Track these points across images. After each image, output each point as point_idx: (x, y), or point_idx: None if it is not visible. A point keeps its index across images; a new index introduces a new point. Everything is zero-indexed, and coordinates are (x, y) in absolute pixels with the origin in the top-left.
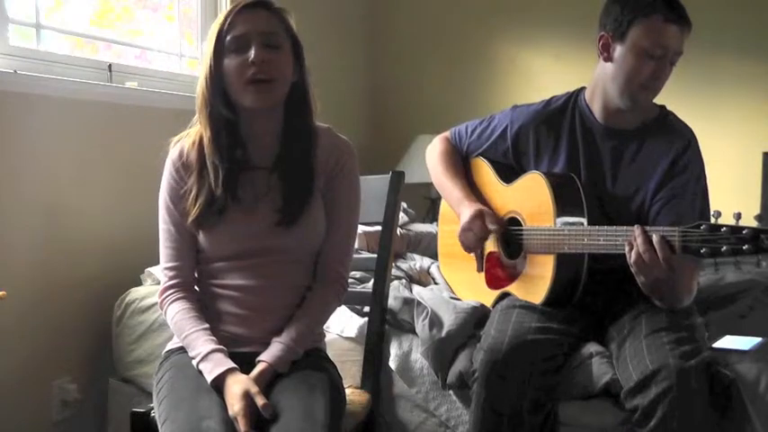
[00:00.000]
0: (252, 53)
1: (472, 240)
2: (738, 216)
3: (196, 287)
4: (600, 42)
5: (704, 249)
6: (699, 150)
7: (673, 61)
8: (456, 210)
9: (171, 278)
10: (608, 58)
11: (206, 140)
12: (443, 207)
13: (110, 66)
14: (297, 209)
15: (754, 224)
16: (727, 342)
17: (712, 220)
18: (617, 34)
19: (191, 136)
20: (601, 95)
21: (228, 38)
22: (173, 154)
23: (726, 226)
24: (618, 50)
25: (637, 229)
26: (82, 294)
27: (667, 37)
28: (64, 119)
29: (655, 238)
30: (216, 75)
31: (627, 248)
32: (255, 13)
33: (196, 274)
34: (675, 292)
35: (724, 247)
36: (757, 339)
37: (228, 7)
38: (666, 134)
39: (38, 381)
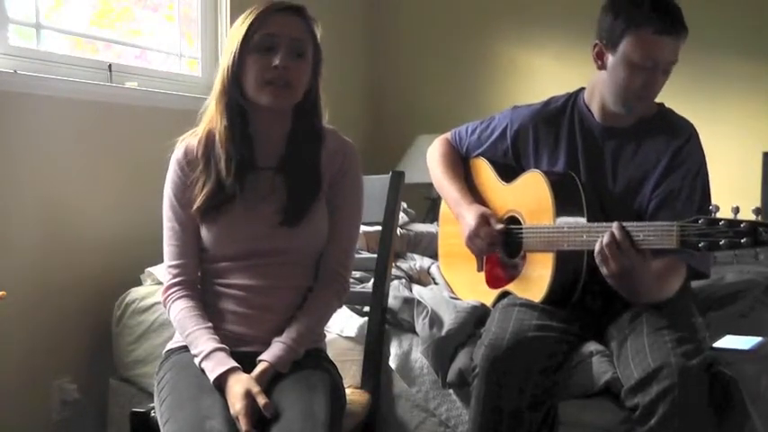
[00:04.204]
0: (278, 58)
1: (481, 246)
2: (737, 210)
3: (199, 286)
4: (594, 50)
5: (702, 243)
6: (699, 145)
7: (666, 70)
8: (454, 210)
9: (174, 276)
10: (602, 67)
11: (221, 129)
12: (444, 207)
13: (110, 66)
14: (300, 210)
15: (753, 218)
16: (728, 342)
17: (711, 215)
18: (609, 44)
19: (197, 134)
20: (599, 98)
21: (257, 35)
22: (178, 152)
23: (724, 219)
24: (610, 60)
25: (614, 224)
26: (82, 294)
27: (658, 49)
28: (64, 119)
29: (614, 226)
30: (237, 68)
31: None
32: (289, 17)
33: (199, 273)
34: (640, 285)
35: (722, 241)
36: (757, 339)
37: (260, 5)
38: (666, 131)
39: (38, 381)
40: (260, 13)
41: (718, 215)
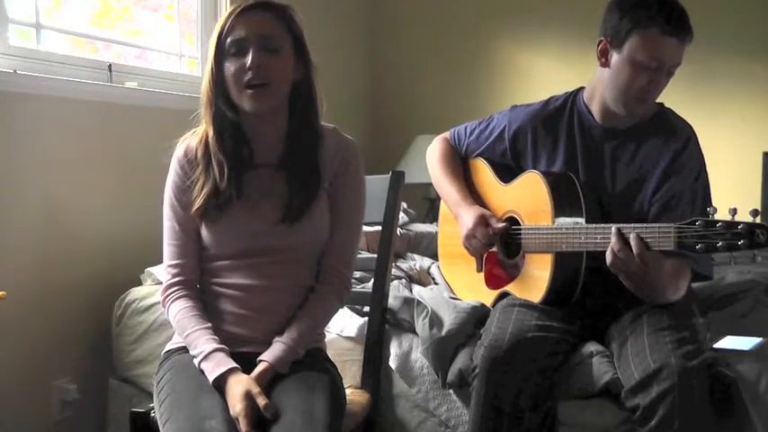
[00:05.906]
0: (249, 58)
1: (478, 246)
2: (734, 211)
3: (198, 285)
4: (599, 47)
5: (700, 245)
6: (698, 146)
7: (670, 72)
8: (453, 211)
9: (174, 276)
10: (605, 64)
11: (210, 139)
12: (443, 207)
13: (110, 66)
14: (300, 207)
15: (750, 219)
16: (728, 342)
17: (709, 216)
18: (615, 42)
19: (197, 134)
20: (599, 98)
21: (228, 41)
22: (178, 152)
23: (721, 221)
24: (614, 58)
25: (613, 228)
26: (82, 294)
27: (664, 50)
28: (64, 119)
29: (632, 237)
30: (218, 77)
31: (608, 251)
32: (255, 15)
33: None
34: (654, 288)
35: (719, 243)
36: (758, 339)
37: (229, 8)
38: (665, 132)
39: (38, 381)
40: (227, 16)
41: (717, 216)
